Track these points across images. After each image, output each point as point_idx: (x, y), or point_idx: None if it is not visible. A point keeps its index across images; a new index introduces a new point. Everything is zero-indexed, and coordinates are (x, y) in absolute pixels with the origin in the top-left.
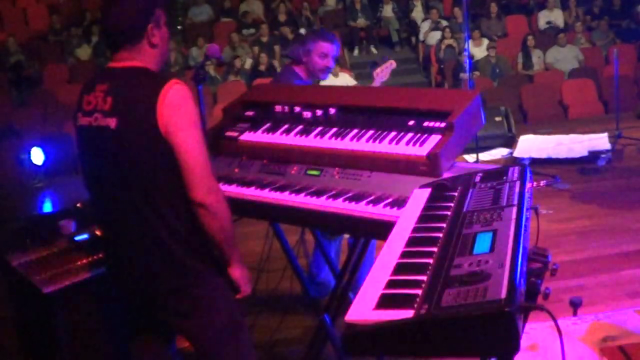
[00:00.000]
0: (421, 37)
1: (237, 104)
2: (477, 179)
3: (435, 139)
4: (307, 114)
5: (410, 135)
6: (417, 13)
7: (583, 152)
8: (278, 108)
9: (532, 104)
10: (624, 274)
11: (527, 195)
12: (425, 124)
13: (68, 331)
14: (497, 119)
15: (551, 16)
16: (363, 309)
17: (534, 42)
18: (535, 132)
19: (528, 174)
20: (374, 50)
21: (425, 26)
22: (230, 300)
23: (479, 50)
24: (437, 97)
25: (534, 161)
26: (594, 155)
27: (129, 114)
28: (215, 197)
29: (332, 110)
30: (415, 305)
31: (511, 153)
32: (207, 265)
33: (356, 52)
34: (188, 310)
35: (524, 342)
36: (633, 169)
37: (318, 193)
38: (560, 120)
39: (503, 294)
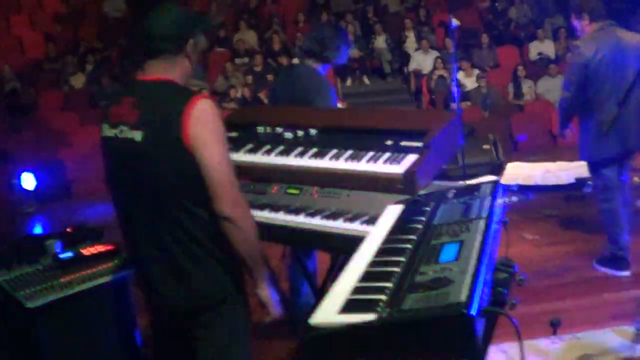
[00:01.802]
0: (412, 67)
1: None
2: (450, 195)
3: (412, 158)
4: (288, 135)
5: (387, 154)
6: (410, 44)
7: (570, 180)
8: (260, 129)
9: (523, 133)
10: (605, 296)
11: (497, 209)
12: (403, 143)
13: (50, 346)
14: (486, 147)
15: (542, 47)
16: (328, 312)
17: (525, 72)
18: (524, 160)
19: (500, 190)
20: (366, 80)
21: (417, 57)
22: (245, 332)
23: (469, 80)
24: (415, 117)
25: (522, 188)
26: (580, 183)
27: (155, 127)
28: (242, 211)
29: (312, 131)
30: (379, 309)
31: (499, 180)
32: (228, 291)
33: (349, 82)
34: (201, 335)
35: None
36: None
37: (297, 211)
38: (550, 148)
39: (463, 298)
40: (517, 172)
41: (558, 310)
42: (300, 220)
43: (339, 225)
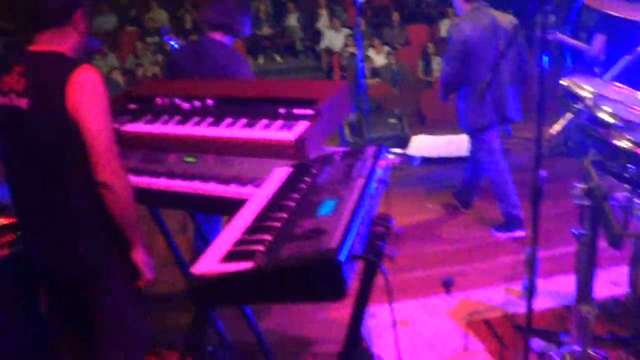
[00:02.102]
0: (324, 45)
1: (121, 98)
2: (337, 157)
3: (303, 125)
4: (186, 105)
5: (280, 122)
6: (323, 22)
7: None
8: (159, 100)
9: (430, 108)
10: (500, 260)
11: (378, 170)
12: (295, 111)
13: None
14: (392, 121)
15: None
16: (210, 262)
17: (434, 49)
18: (429, 134)
19: (383, 153)
20: (278, 58)
21: (329, 35)
22: (131, 294)
23: (380, 57)
24: (306, 87)
25: (426, 160)
26: None
27: (40, 95)
28: (120, 179)
29: (209, 102)
30: (256, 259)
31: (404, 153)
32: (111, 254)
33: (261, 60)
34: (93, 298)
35: (387, 315)
36: (517, 165)
37: (192, 178)
38: (456, 123)
39: (333, 245)
40: (422, 145)
41: (454, 273)
42: (196, 186)
43: (232, 190)
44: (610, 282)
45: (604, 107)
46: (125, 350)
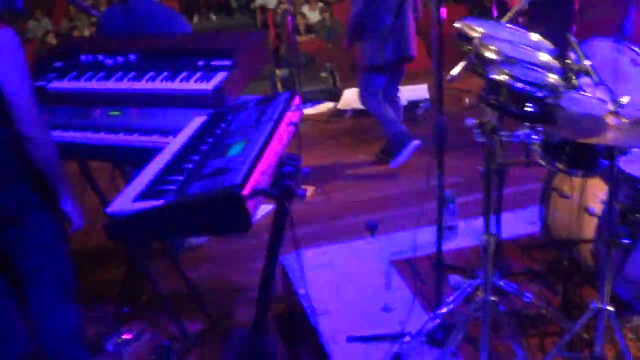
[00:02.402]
0: (258, 3)
1: (46, 57)
2: (251, 104)
3: (221, 75)
4: (109, 62)
5: (199, 73)
6: None
7: (403, 102)
8: (83, 57)
9: None
10: (426, 205)
11: (290, 113)
12: (213, 63)
13: None
14: (323, 75)
15: None
16: (123, 202)
17: None
18: None
19: (294, 98)
20: (213, 17)
21: None
22: (60, 241)
23: (314, 14)
24: (224, 39)
25: (358, 112)
26: (413, 105)
27: None
28: (41, 132)
29: (131, 57)
30: (166, 196)
31: (336, 106)
32: (40, 202)
33: (195, 19)
34: (18, 238)
35: (321, 259)
36: (449, 115)
37: (116, 131)
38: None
39: (237, 181)
40: (354, 98)
41: (381, 219)
42: (120, 138)
43: (155, 140)
44: (528, 221)
45: (490, 46)
46: (54, 296)
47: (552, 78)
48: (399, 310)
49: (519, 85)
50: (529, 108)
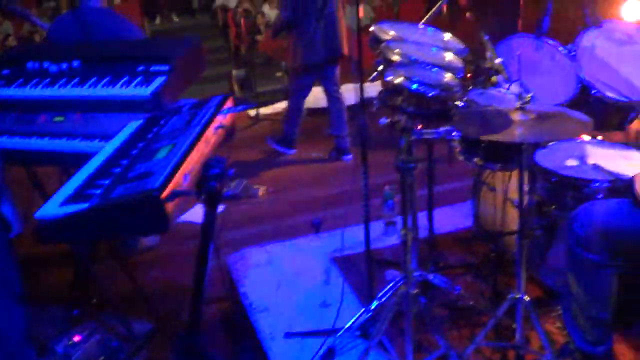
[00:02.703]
0: (219, 3)
1: None
2: (185, 108)
3: (159, 80)
4: (54, 68)
5: (139, 78)
6: None
7: (351, 100)
8: (30, 65)
9: None
10: (371, 202)
11: (220, 117)
12: (152, 68)
13: None
14: (278, 74)
15: None
16: (51, 207)
17: None
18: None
19: (225, 102)
20: (175, 18)
21: None
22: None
23: (274, 12)
24: (163, 45)
25: (313, 111)
26: (369, 102)
27: None
28: None
29: (75, 63)
30: (91, 200)
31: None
32: None
33: (158, 20)
34: None
35: (264, 258)
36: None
37: (60, 136)
38: (349, 72)
39: (156, 185)
40: (308, 97)
41: (329, 216)
42: (64, 143)
43: (96, 145)
44: (465, 215)
45: (394, 49)
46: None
47: (448, 77)
48: (336, 305)
49: (414, 86)
50: (425, 107)
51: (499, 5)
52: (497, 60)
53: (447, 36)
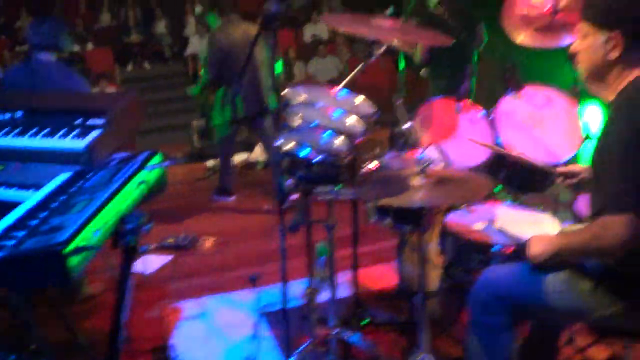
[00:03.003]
0: (190, 51)
1: None
2: (113, 163)
3: (94, 134)
4: None
5: (77, 131)
6: (190, 28)
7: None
8: None
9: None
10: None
11: (142, 172)
12: (89, 121)
13: None
14: None
15: (316, 29)
16: None
17: (296, 54)
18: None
19: (150, 158)
20: (147, 65)
21: (194, 41)
22: None
23: None
24: (101, 99)
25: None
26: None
27: None
28: None
29: (18, 114)
30: (2, 251)
31: (248, 157)
32: None
33: (130, 67)
34: None
35: (198, 310)
36: None
37: None
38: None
39: (62, 239)
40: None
41: (270, 271)
42: (1, 192)
43: (29, 194)
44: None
45: (298, 113)
46: None
47: (339, 142)
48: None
49: (302, 152)
50: (314, 172)
51: (450, 63)
52: (406, 125)
53: (359, 99)
